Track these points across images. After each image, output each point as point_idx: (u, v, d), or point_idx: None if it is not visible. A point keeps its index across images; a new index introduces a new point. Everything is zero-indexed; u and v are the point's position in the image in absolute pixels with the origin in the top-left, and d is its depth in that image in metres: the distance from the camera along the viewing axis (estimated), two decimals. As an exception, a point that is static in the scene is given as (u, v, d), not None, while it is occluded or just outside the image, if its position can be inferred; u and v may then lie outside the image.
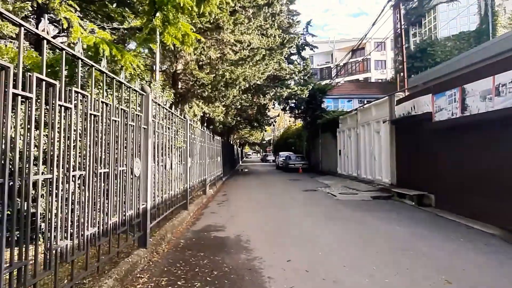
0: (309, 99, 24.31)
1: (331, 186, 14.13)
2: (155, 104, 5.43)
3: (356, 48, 26.87)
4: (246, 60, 10.03)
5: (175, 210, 7.10)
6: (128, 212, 4.11)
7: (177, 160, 7.26)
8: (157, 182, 5.50)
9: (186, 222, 7.22)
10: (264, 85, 14.08)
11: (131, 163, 4.23)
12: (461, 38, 20.75)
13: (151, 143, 4.84)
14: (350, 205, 9.48)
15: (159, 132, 5.65)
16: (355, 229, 6.46)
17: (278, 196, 11.75)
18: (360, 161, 15.87)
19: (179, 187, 7.26)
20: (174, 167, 6.83)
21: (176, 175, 7.04)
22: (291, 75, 15.16)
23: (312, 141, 27.80)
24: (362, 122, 15.79)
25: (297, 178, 19.40)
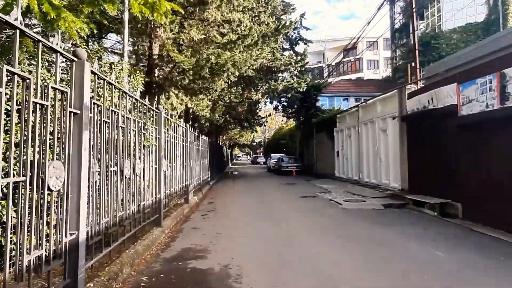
0: (303, 97, 22.80)
1: (332, 191, 12.55)
2: (103, 82, 3.72)
3: (349, 48, 25.65)
4: (236, 42, 8.40)
5: (144, 228, 5.39)
6: (32, 255, 2.39)
7: (146, 163, 5.54)
8: (104, 196, 3.78)
9: (158, 245, 5.49)
10: (256, 77, 12.44)
11: (42, 169, 2.51)
12: (468, 30, 19.52)
13: (87, 138, 3.12)
14: (361, 217, 7.88)
15: (110, 124, 3.94)
16: (381, 256, 4.84)
17: (273, 204, 10.09)
18: (362, 163, 14.35)
19: (147, 199, 5.54)
20: (140, 172, 5.11)
21: (143, 182, 5.31)
22: (286, 66, 13.60)
23: (306, 142, 26.28)
24: (364, 120, 14.28)
25: (292, 181, 17.79)
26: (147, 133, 5.55)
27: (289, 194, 12.41)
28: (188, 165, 9.94)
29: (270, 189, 14.44)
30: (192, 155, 11.22)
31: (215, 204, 10.27)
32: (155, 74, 8.49)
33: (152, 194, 5.82)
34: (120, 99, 4.25)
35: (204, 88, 10.10)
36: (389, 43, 56.14)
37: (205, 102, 10.41)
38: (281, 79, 14.84)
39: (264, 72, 12.84)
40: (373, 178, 13.31)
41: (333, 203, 9.92)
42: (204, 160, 14.76)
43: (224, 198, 11.80)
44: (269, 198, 11.40)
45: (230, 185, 16.99)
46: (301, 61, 13.82)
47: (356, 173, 15.25)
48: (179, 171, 8.86)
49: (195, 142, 11.82)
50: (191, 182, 10.60)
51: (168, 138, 7.30)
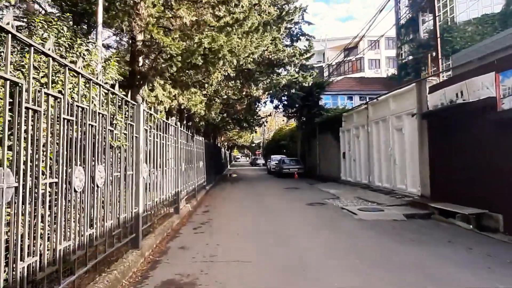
0: (305, 95, 21.58)
1: (341, 197, 11.28)
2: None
3: (350, 47, 24.48)
4: (233, 26, 7.14)
5: (113, 253, 4.12)
6: None
7: (118, 169, 4.28)
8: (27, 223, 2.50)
9: (132, 276, 4.21)
10: (256, 70, 11.18)
11: None
12: (483, 21, 18.32)
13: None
14: (383, 232, 6.61)
15: (48, 115, 2.68)
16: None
17: (278, 213, 8.81)
18: (373, 165, 13.09)
19: (117, 216, 4.26)
20: (105, 182, 3.84)
21: (110, 195, 4.04)
22: (290, 58, 12.33)
23: (308, 143, 25.02)
24: (375, 118, 13.03)
25: (295, 185, 16.51)
26: (118, 130, 4.27)
27: (294, 201, 11.13)
28: (179, 170, 8.67)
29: (272, 195, 13.15)
30: (185, 157, 9.95)
31: (210, 214, 8.99)
32: (139, 63, 7.22)
33: (124, 209, 4.54)
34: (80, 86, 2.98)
35: (197, 81, 8.85)
36: (390, 42, 55.20)
37: (198, 97, 9.14)
38: (284, 74, 13.52)
39: (265, 65, 11.58)
40: (386, 182, 12.04)
41: (346, 212, 8.64)
42: (200, 162, 13.49)
43: (221, 206, 10.51)
44: (272, 206, 10.12)
45: (228, 190, 15.70)
46: (307, 53, 12.55)
47: (365, 177, 13.99)
48: (169, 177, 7.59)
49: (188, 143, 10.56)
50: (183, 188, 9.32)
51: (152, 137, 6.03)
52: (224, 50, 6.95)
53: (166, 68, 6.92)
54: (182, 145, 9.42)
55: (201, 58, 6.85)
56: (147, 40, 6.96)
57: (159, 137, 6.61)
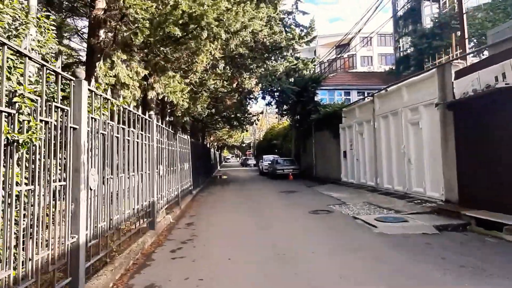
0: (300, 90, 20.06)
1: (348, 203, 9.75)
2: None
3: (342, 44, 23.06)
4: (220, -10, 5.61)
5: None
6: None
7: (38, 178, 2.62)
8: None
9: None
10: (249, 56, 9.58)
11: None
12: (495, 7, 17.09)
13: None
14: (418, 252, 5.08)
15: None
16: None
17: (277, 226, 7.20)
18: (381, 165, 11.62)
19: (31, 256, 2.59)
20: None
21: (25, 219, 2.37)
22: (289, 42, 10.73)
23: (303, 142, 23.52)
24: (382, 112, 11.56)
25: (291, 188, 14.94)
26: (26, 115, 2.61)
27: (294, 208, 9.55)
28: (157, 174, 6.99)
29: (267, 200, 11.55)
30: (165, 159, 8.28)
31: (195, 227, 7.33)
32: (99, 37, 5.53)
33: (47, 244, 2.87)
34: None
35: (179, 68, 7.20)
36: (383, 39, 54.39)
37: (178, 84, 7.45)
38: (280, 62, 11.88)
39: (259, 51, 10.00)
40: (397, 185, 10.57)
41: (361, 223, 7.09)
42: (185, 164, 11.81)
43: (208, 215, 8.86)
44: (269, 216, 8.51)
45: (218, 194, 14.03)
46: (307, 35, 10.94)
47: (371, 178, 12.51)
48: (140, 184, 5.93)
49: (169, 142, 8.88)
50: (161, 196, 7.65)
51: (110, 132, 4.37)
52: (209, 17, 5.31)
53: (129, 37, 5.26)
54: (161, 144, 7.76)
55: (179, 28, 5.25)
56: (108, 7, 5.28)
57: (123, 132, 4.94)
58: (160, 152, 7.72)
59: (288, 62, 12.07)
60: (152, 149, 6.65)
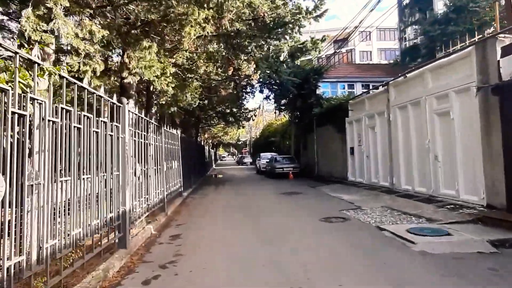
0: (301, 82, 18.59)
1: (364, 207, 8.29)
2: None
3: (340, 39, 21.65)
4: None
5: None
6: None
7: None
8: None
9: None
10: (248, 34, 8.03)
11: None
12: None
13: None
14: (486, 283, 3.62)
15: None
16: None
17: (286, 241, 5.69)
18: (398, 163, 10.18)
19: None
20: None
21: None
22: (294, 16, 9.17)
23: (304, 138, 22.05)
24: (400, 102, 10.10)
25: (293, 189, 13.45)
26: None
27: (300, 214, 8.07)
28: (128, 175, 5.46)
29: (268, 204, 10.06)
30: (145, 156, 6.77)
31: (181, 241, 5.82)
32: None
33: None
34: None
35: (160, 41, 5.67)
36: (382, 33, 53.08)
37: (156, 59, 5.89)
38: (284, 41, 10.28)
39: (259, 27, 8.44)
40: (419, 186, 9.13)
41: (391, 236, 5.61)
42: (173, 163, 10.29)
43: (199, 224, 7.34)
44: (273, 224, 7.01)
45: (211, 196, 12.51)
46: (317, 9, 9.42)
47: (385, 178, 11.07)
48: (103, 189, 4.42)
49: (151, 136, 7.35)
50: (138, 203, 6.12)
51: (41, 115, 2.84)
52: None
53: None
54: (138, 137, 6.23)
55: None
56: None
57: (66, 117, 3.41)
58: (137, 148, 6.19)
59: (294, 41, 10.52)
60: (122, 143, 5.11)
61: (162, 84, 6.59)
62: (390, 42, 52.41)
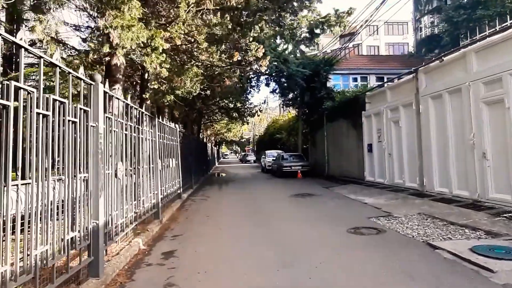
0: (311, 74, 17.22)
1: (396, 215, 6.93)
2: None
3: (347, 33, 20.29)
4: None
5: None
6: None
7: None
8: None
9: None
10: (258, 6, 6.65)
11: None
12: None
13: None
14: None
15: None
16: None
17: (311, 263, 4.33)
18: (430, 161, 8.81)
19: None
20: None
21: None
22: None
23: (312, 135, 20.73)
24: (433, 91, 8.73)
25: (305, 190, 12.08)
26: None
27: (321, 223, 6.72)
28: (103, 176, 4.15)
29: (280, 208, 8.72)
30: (133, 153, 5.47)
31: (177, 262, 4.51)
32: None
33: None
34: None
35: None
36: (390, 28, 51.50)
37: (135, 17, 4.58)
38: (303, 14, 8.87)
39: (269, 0, 7.08)
40: (459, 188, 7.76)
41: (451, 258, 4.23)
42: (171, 161, 8.99)
43: (199, 237, 6.01)
44: (290, 238, 5.66)
45: (215, 198, 11.20)
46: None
47: (413, 178, 9.70)
48: (70, 198, 3.12)
49: (140, 128, 6.04)
50: (120, 213, 4.80)
51: None
52: None
53: None
54: (121, 128, 4.92)
55: None
56: None
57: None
58: (121, 142, 4.88)
59: (317, 14, 9.08)
60: (94, 134, 3.79)
61: (153, 62, 5.27)
62: (399, 36, 50.88)
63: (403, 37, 49.80)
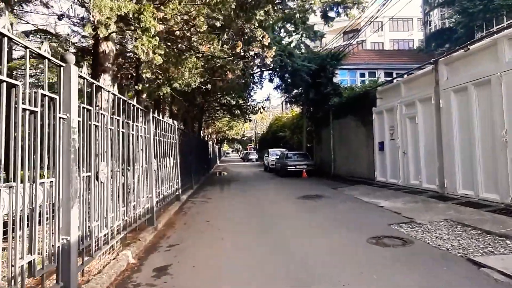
0: (318, 69, 16.44)
1: (420, 221, 6.17)
2: None
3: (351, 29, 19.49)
4: None
5: None
6: None
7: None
8: None
9: None
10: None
11: None
12: None
13: None
14: None
15: None
16: None
17: (333, 284, 3.60)
18: (452, 160, 8.04)
19: None
20: None
21: None
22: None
23: (318, 133, 19.96)
24: (456, 84, 7.94)
25: (313, 191, 11.32)
26: None
27: (337, 231, 5.96)
28: (77, 180, 3.40)
29: (288, 213, 7.97)
30: (120, 152, 4.75)
31: (171, 282, 3.77)
32: None
33: None
34: None
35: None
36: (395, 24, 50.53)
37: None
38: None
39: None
40: (487, 191, 6.99)
41: (507, 282, 3.50)
42: (168, 160, 8.26)
43: (198, 248, 5.25)
44: (304, 250, 4.90)
45: (216, 200, 10.47)
46: None
47: (431, 179, 8.93)
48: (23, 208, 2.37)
49: (135, 125, 5.31)
50: (102, 223, 4.07)
51: None
52: None
53: None
54: (103, 122, 4.19)
55: None
56: None
57: None
58: (106, 139, 4.15)
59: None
60: (65, 129, 3.05)
61: (144, 46, 4.53)
62: (404, 33, 49.89)
63: (409, 34, 48.83)
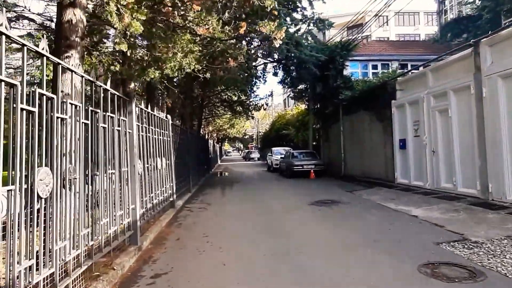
0: (327, 59, 15.13)
1: (474, 239, 4.85)
2: None
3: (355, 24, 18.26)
4: None
5: None
6: None
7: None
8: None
9: None
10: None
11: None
12: None
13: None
14: None
15: None
16: None
17: None
18: (499, 161, 6.71)
19: None
20: None
21: None
22: None
23: (326, 130, 18.64)
24: (504, 68, 6.59)
25: (326, 195, 9.97)
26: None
27: (368, 253, 4.63)
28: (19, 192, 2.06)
29: (303, 224, 6.64)
30: (85, 152, 3.43)
31: None
32: None
33: None
34: None
35: None
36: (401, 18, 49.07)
37: None
38: None
39: None
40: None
41: None
42: (160, 161, 6.95)
43: (192, 282, 3.92)
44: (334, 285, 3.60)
45: (216, 207, 9.14)
46: None
47: (470, 182, 7.59)
48: None
49: (110, 116, 3.98)
50: (33, 265, 2.74)
51: None
52: None
53: None
54: (72, 114, 2.86)
55: None
56: None
57: None
58: (57, 133, 2.83)
59: None
60: None
61: (119, 5, 3.21)
62: (410, 27, 48.45)
63: (415, 28, 47.43)
